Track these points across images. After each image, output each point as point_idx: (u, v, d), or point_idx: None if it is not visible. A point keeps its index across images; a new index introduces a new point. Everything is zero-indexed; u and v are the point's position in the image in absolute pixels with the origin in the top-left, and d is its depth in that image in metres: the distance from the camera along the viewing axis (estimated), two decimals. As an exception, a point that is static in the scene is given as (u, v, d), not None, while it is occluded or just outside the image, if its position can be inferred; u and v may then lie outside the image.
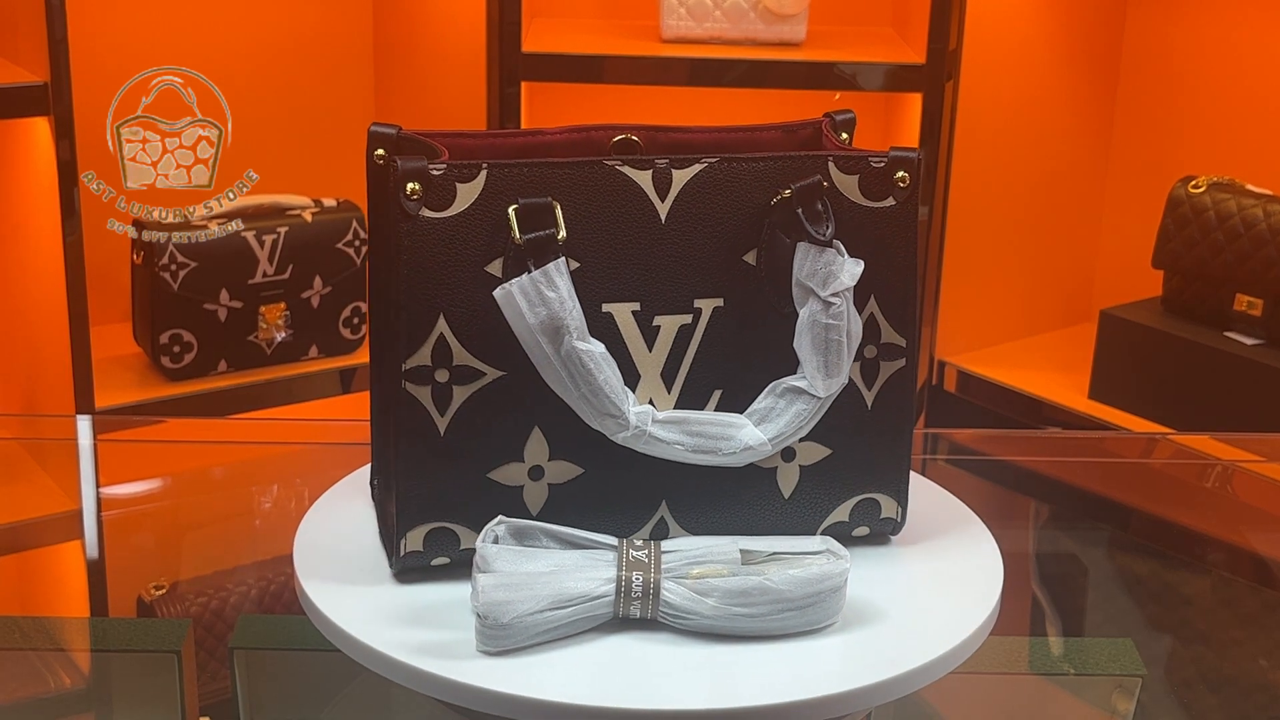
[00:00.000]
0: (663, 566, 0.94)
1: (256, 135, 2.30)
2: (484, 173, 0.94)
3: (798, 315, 0.98)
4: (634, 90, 2.29)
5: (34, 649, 1.27)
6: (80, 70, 1.91)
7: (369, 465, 1.12)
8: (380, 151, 0.99)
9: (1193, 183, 2.19)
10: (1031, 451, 1.66)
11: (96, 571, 1.46)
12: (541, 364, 0.94)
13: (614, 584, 0.93)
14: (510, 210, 0.94)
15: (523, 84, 2.20)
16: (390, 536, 1.00)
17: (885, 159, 1.00)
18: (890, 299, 1.01)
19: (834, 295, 0.97)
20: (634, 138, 1.04)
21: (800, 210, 0.97)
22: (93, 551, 1.47)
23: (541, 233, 0.93)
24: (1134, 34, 2.45)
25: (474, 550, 0.95)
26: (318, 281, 2.19)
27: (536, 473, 0.98)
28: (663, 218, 0.97)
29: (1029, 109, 2.38)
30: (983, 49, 2.27)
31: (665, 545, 0.96)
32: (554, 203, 0.94)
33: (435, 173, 0.93)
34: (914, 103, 2.24)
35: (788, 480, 1.03)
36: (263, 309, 2.16)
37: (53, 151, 1.91)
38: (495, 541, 0.95)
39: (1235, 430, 2.05)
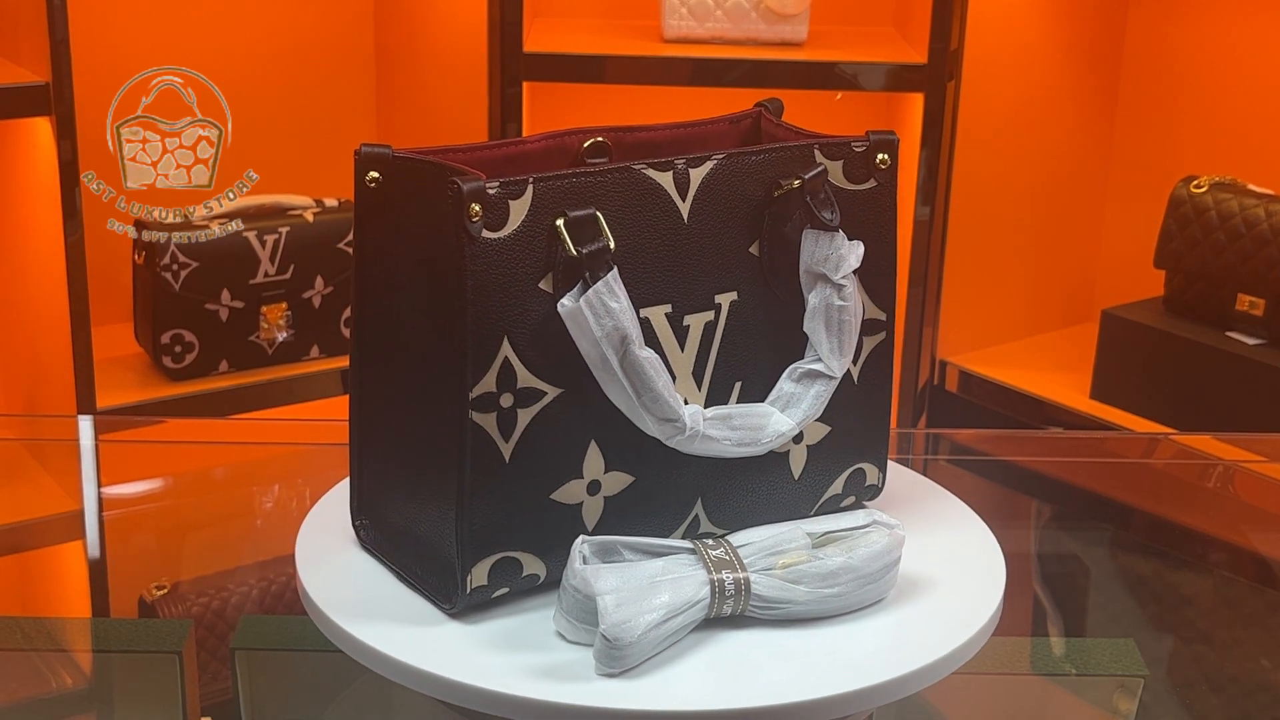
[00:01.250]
0: (744, 561, 0.96)
1: (256, 135, 2.31)
2: (530, 188, 0.92)
3: (804, 300, 1.01)
4: (635, 90, 2.29)
5: (35, 649, 1.27)
6: (81, 70, 1.91)
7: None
8: (375, 174, 0.95)
9: (1194, 182, 2.19)
10: (1033, 451, 1.66)
11: (98, 572, 1.46)
12: (605, 376, 0.94)
13: (709, 586, 0.94)
14: (559, 224, 0.92)
15: (524, 84, 2.20)
16: (443, 574, 0.96)
17: (866, 143, 1.04)
18: (873, 277, 1.05)
19: (844, 278, 1.00)
20: (603, 140, 1.04)
21: (809, 199, 1.00)
22: (94, 552, 1.47)
23: (595, 244, 0.93)
24: (1136, 34, 2.45)
25: (536, 576, 0.96)
26: (319, 281, 2.19)
27: (594, 487, 0.97)
28: (685, 217, 0.98)
29: (1031, 109, 2.38)
30: (984, 49, 2.27)
31: (734, 540, 0.97)
32: (597, 212, 0.93)
33: (491, 192, 0.91)
34: (916, 103, 2.24)
35: (798, 461, 1.05)
36: (264, 309, 2.16)
37: (54, 152, 1.91)
38: (584, 562, 0.94)
39: (1237, 430, 2.04)
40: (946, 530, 1.10)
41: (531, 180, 0.92)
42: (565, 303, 0.92)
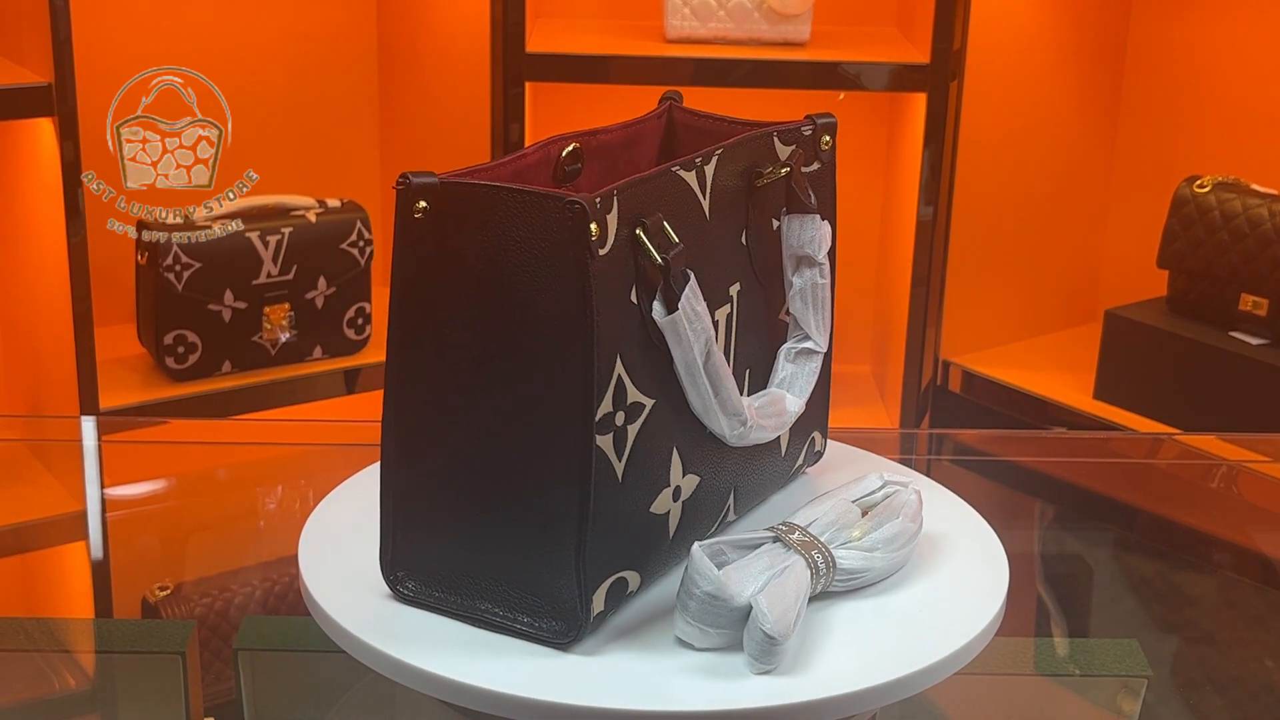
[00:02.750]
0: (822, 540, 0.98)
1: (257, 135, 2.31)
2: (615, 199, 0.90)
3: (786, 282, 1.06)
4: (638, 90, 2.28)
5: (39, 650, 1.27)
6: (82, 70, 1.91)
7: (373, 468, 1.12)
8: (423, 204, 0.90)
9: (1198, 182, 2.18)
10: (1036, 452, 1.66)
11: (101, 573, 1.46)
12: (691, 381, 0.95)
13: (809, 568, 0.96)
14: (639, 233, 0.91)
15: (527, 84, 2.20)
16: (554, 608, 0.93)
17: (813, 125, 1.08)
18: None
19: (824, 257, 1.06)
20: (577, 145, 1.04)
21: (794, 184, 1.04)
22: (97, 553, 1.47)
23: (672, 250, 0.92)
24: (1139, 33, 2.45)
25: (632, 592, 0.96)
26: (322, 282, 2.19)
27: (676, 493, 0.97)
28: (707, 214, 0.99)
29: (1034, 109, 2.37)
30: (987, 49, 2.27)
31: (798, 521, 0.99)
32: (662, 217, 0.93)
33: (599, 207, 0.89)
34: (918, 103, 2.24)
35: (784, 439, 1.09)
36: (267, 310, 2.16)
37: (57, 152, 1.91)
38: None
39: (1241, 430, 2.04)
40: (950, 531, 1.09)
41: (616, 191, 0.91)
42: (659, 312, 0.92)
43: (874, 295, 2.56)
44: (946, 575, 1.04)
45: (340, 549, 1.05)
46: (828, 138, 1.09)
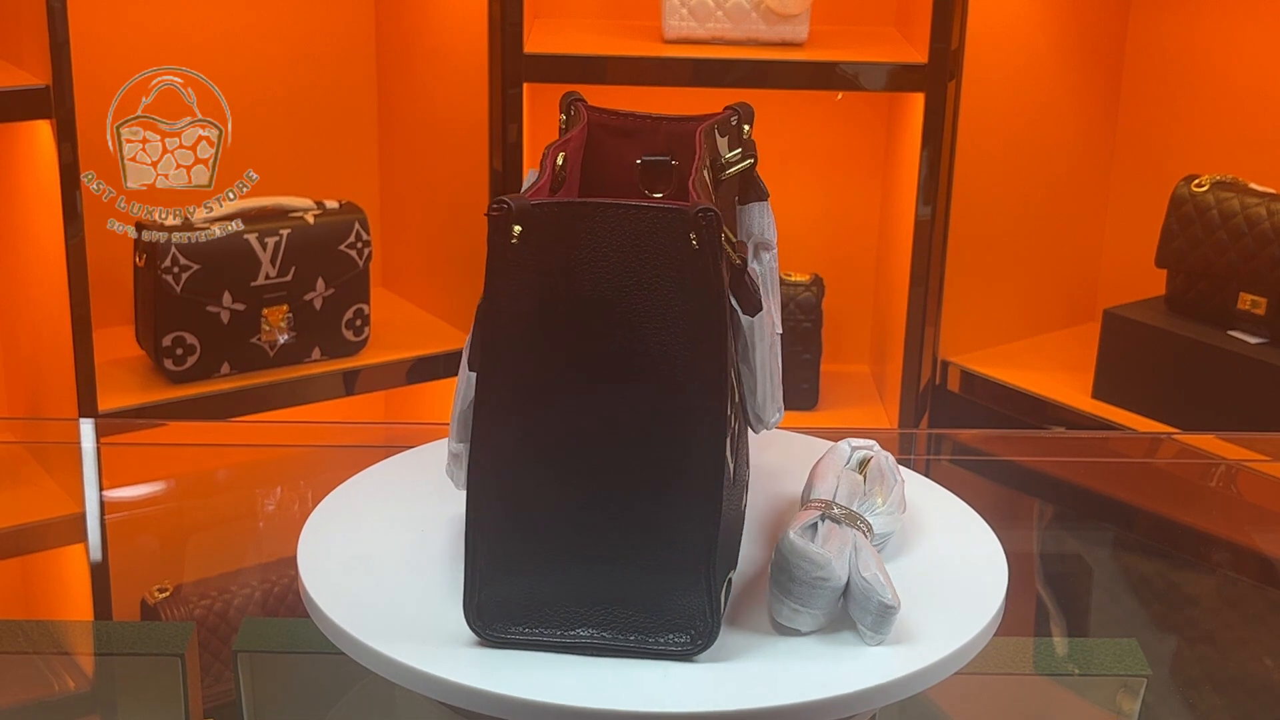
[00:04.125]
0: (852, 509, 1.01)
1: (256, 135, 2.31)
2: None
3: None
4: (636, 91, 2.28)
5: (38, 652, 1.27)
6: (81, 71, 1.91)
7: (372, 469, 1.12)
8: (519, 229, 0.88)
9: (1196, 181, 2.18)
10: (1035, 451, 1.66)
11: (100, 574, 1.46)
12: (765, 374, 0.98)
13: (866, 537, 0.99)
14: (724, 237, 0.90)
15: (525, 85, 2.19)
16: (682, 617, 0.92)
17: (736, 115, 1.09)
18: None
19: (776, 241, 1.09)
20: (564, 154, 1.05)
21: (754, 173, 1.07)
22: (96, 554, 1.47)
23: (740, 251, 0.95)
24: (1137, 32, 2.45)
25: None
26: (320, 283, 2.19)
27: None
28: None
29: (1032, 108, 2.37)
30: (985, 48, 2.27)
31: (821, 497, 1.01)
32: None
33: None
34: (917, 102, 2.24)
35: None
36: (265, 311, 2.16)
37: (55, 154, 1.91)
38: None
39: (1240, 429, 2.04)
40: (949, 530, 1.09)
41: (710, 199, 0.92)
42: (744, 313, 0.94)
43: (873, 295, 2.56)
44: (946, 575, 1.04)
45: (339, 550, 1.05)
46: (748, 125, 1.10)
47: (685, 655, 0.92)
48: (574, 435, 0.90)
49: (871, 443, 1.07)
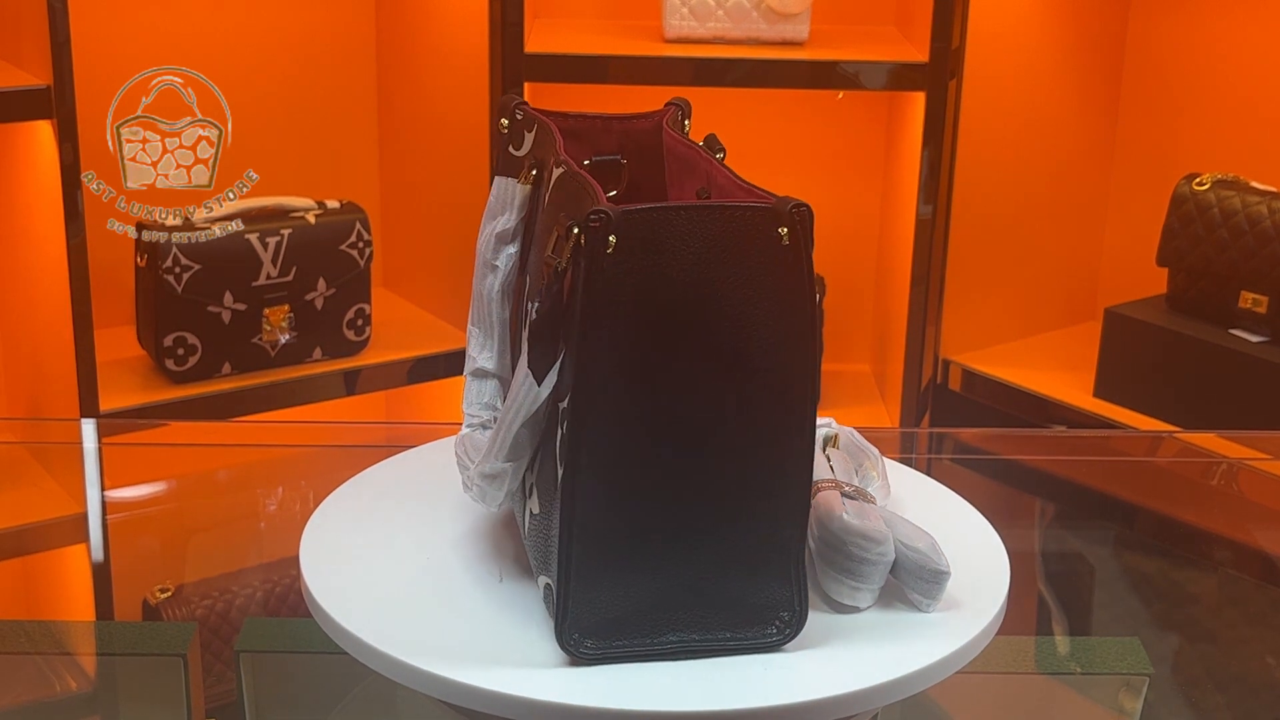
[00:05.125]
0: (860, 485, 1.05)
1: (257, 135, 2.31)
2: None
3: None
4: (636, 91, 2.28)
5: (40, 653, 1.27)
6: (81, 71, 1.91)
7: (373, 469, 1.12)
8: (613, 239, 0.87)
9: (1197, 180, 2.18)
10: (1037, 450, 1.66)
11: (102, 575, 1.46)
12: None
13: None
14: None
15: (525, 85, 2.19)
16: (773, 609, 0.94)
17: (680, 110, 1.12)
18: None
19: None
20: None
21: (726, 166, 1.07)
22: (98, 555, 1.47)
23: None
24: (1137, 31, 2.44)
25: None
26: (321, 283, 2.19)
27: None
28: None
29: (1033, 107, 2.37)
30: (986, 47, 2.27)
31: (825, 476, 1.04)
32: None
33: None
34: (917, 101, 2.24)
35: None
36: (266, 311, 2.16)
37: (55, 155, 1.91)
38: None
39: (1241, 428, 2.04)
40: (950, 529, 1.09)
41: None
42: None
43: (873, 294, 2.56)
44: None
45: (341, 550, 1.05)
46: (688, 122, 1.11)
47: (774, 646, 0.94)
48: (675, 440, 0.90)
49: (829, 420, 1.10)
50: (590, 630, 0.93)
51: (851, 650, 0.95)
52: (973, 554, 1.07)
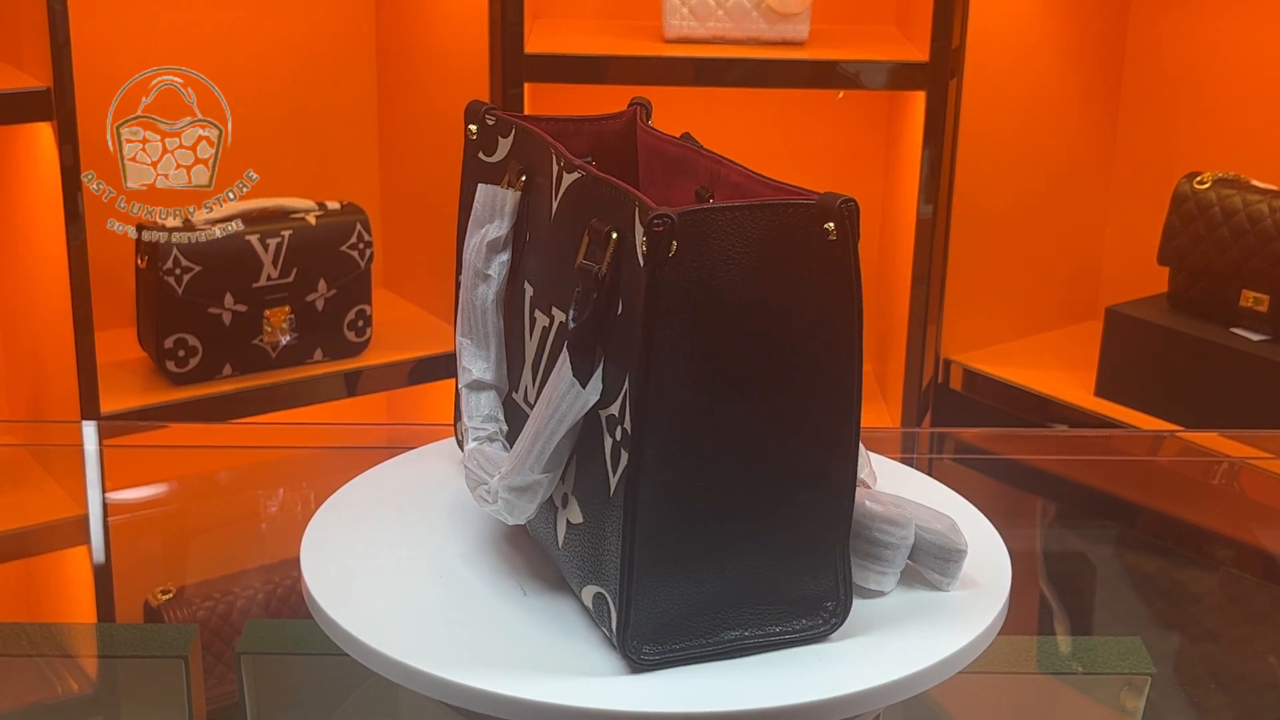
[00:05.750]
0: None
1: (257, 135, 2.31)
2: None
3: None
4: (637, 91, 2.28)
5: (41, 655, 1.26)
6: (81, 70, 1.91)
7: (374, 470, 1.11)
8: (675, 243, 0.86)
9: (1198, 179, 2.18)
10: (1038, 450, 1.66)
11: (103, 577, 1.45)
12: None
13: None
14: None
15: (525, 85, 2.19)
16: (821, 599, 0.95)
17: (644, 109, 1.15)
18: None
19: None
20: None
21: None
22: (99, 557, 1.47)
23: None
24: (1138, 30, 2.44)
25: None
26: (322, 284, 2.19)
27: None
28: None
29: (1033, 106, 2.37)
30: (986, 46, 2.27)
31: None
32: None
33: None
34: (918, 101, 2.24)
35: None
36: (267, 312, 2.16)
37: (56, 156, 1.91)
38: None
39: (1243, 427, 2.04)
40: (952, 529, 1.09)
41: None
42: None
43: (874, 294, 2.56)
44: (949, 574, 1.04)
45: (342, 552, 1.05)
46: (649, 121, 1.14)
47: (822, 636, 0.95)
48: (731, 441, 0.90)
49: None
50: (649, 636, 0.92)
51: (852, 651, 0.95)
52: (974, 554, 1.07)
